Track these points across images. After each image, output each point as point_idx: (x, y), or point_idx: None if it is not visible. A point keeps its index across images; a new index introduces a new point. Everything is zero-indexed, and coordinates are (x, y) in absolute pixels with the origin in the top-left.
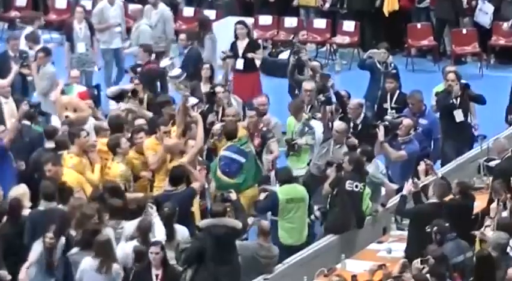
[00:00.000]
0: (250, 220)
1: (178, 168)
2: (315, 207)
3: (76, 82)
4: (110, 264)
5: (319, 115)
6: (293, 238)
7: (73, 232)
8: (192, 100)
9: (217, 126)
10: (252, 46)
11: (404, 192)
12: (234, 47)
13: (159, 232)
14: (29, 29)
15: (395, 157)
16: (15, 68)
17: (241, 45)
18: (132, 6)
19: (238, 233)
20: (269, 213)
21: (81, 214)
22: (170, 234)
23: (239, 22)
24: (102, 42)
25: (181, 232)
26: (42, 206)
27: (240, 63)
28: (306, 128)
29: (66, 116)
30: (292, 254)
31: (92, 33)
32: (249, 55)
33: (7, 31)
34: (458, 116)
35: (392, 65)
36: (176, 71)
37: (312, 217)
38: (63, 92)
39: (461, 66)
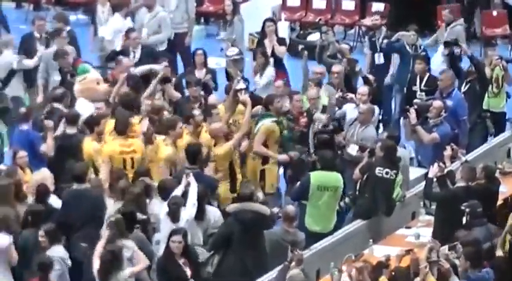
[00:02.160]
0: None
1: (193, 145)
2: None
3: None
4: None
5: (350, 95)
6: (319, 225)
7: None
8: (241, 84)
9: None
10: (280, 43)
11: (430, 175)
12: (261, 45)
13: (187, 210)
14: (54, 11)
15: (428, 140)
16: (41, 49)
17: (271, 43)
18: None
19: (266, 218)
20: None
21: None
22: (200, 214)
23: (268, 19)
24: None
25: (213, 212)
26: (75, 187)
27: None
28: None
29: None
30: (317, 241)
31: None
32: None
33: (32, 12)
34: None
35: (421, 47)
36: (233, 50)
37: (342, 203)
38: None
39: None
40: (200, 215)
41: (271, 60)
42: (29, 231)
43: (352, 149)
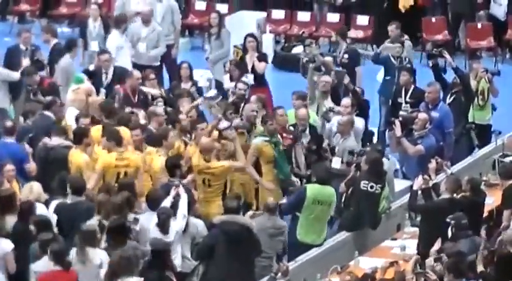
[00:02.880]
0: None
1: (173, 158)
2: None
3: None
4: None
5: (337, 109)
6: (311, 237)
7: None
8: (224, 123)
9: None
10: (260, 59)
11: (414, 187)
12: (242, 61)
13: (177, 222)
14: (39, 23)
15: (413, 152)
16: (26, 61)
17: (251, 59)
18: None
19: (250, 231)
20: None
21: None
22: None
23: (249, 35)
24: None
25: (196, 225)
26: (69, 199)
27: (250, 78)
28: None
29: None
30: (305, 252)
31: (106, 31)
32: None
33: (17, 25)
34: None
35: (407, 59)
36: (212, 92)
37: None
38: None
39: None
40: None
41: (252, 76)
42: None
43: (336, 162)
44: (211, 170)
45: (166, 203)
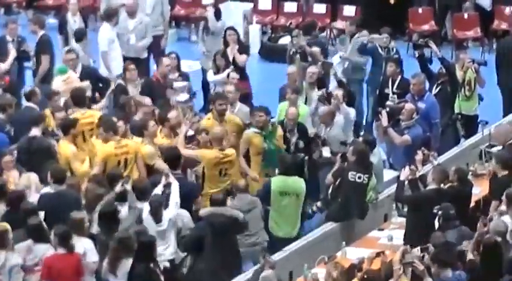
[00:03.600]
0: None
1: (172, 150)
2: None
3: None
4: None
5: (335, 92)
6: (283, 230)
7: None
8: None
9: None
10: (241, 52)
11: (401, 178)
12: (224, 54)
13: (170, 209)
14: (26, 14)
15: (399, 142)
16: (12, 52)
17: (232, 51)
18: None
19: (238, 222)
20: None
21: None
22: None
23: (229, 28)
24: None
25: (182, 215)
26: (53, 188)
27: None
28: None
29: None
30: (283, 246)
31: (86, 26)
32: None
33: (3, 16)
34: None
35: (394, 50)
36: (184, 96)
37: (314, 208)
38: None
39: None
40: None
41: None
42: None
43: (325, 151)
44: (229, 158)
45: (158, 190)
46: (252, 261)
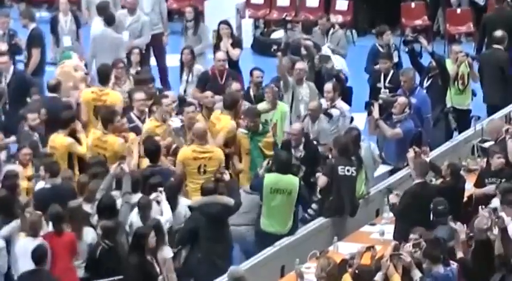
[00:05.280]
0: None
1: (152, 144)
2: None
3: None
4: None
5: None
6: (274, 227)
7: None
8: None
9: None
10: (235, 46)
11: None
12: (217, 48)
13: (166, 212)
14: (18, 8)
15: (390, 134)
16: (3, 46)
17: (225, 46)
18: None
19: (231, 210)
20: None
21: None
22: (173, 206)
23: (222, 22)
24: None
25: (185, 205)
26: (48, 183)
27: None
28: None
29: None
30: (273, 243)
31: (78, 26)
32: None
33: None
34: None
35: (394, 46)
36: (176, 120)
37: (310, 211)
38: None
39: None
40: (172, 207)
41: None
42: None
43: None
44: (209, 154)
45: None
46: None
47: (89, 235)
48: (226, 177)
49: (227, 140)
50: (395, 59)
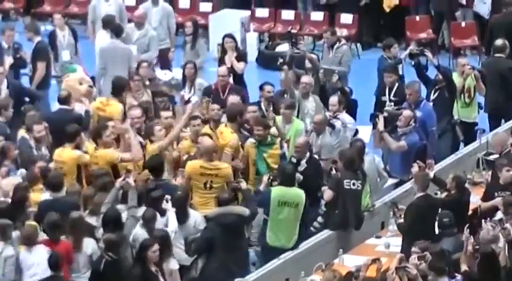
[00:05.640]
0: None
1: (154, 158)
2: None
3: None
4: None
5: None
6: (280, 241)
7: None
8: (192, 98)
9: None
10: (239, 59)
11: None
12: (221, 61)
13: (171, 223)
14: (23, 21)
15: (395, 147)
16: (9, 59)
17: (230, 59)
18: (133, 10)
19: (246, 219)
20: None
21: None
22: (183, 218)
23: (227, 35)
24: None
25: (195, 216)
26: (51, 195)
27: (169, 75)
28: None
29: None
30: (277, 256)
31: (76, 39)
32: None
33: (0, 22)
34: None
35: (398, 59)
36: (168, 75)
37: (316, 224)
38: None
39: None
40: (181, 219)
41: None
42: None
43: None
44: (216, 171)
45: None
46: None
47: (89, 246)
48: (243, 185)
49: (233, 155)
50: (400, 72)
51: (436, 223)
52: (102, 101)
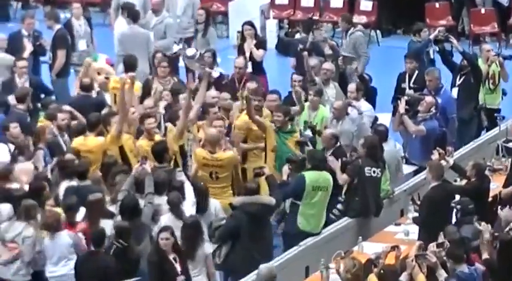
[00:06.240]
0: None
1: (159, 144)
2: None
3: None
4: None
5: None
6: (311, 225)
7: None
8: (215, 74)
9: None
10: (258, 47)
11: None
12: (240, 49)
13: (187, 206)
14: (43, 9)
15: (414, 130)
16: (29, 47)
17: (249, 46)
18: None
19: (272, 209)
20: None
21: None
22: (203, 208)
23: (246, 23)
24: None
25: (214, 204)
26: (76, 182)
27: (248, 66)
28: None
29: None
30: (299, 242)
31: (91, 28)
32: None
33: (20, 11)
34: None
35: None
36: (191, 51)
37: (336, 211)
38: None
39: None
40: (203, 208)
41: (249, 64)
42: None
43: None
44: (219, 163)
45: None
46: None
47: (107, 227)
48: (266, 171)
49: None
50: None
51: (457, 210)
52: (117, 80)
